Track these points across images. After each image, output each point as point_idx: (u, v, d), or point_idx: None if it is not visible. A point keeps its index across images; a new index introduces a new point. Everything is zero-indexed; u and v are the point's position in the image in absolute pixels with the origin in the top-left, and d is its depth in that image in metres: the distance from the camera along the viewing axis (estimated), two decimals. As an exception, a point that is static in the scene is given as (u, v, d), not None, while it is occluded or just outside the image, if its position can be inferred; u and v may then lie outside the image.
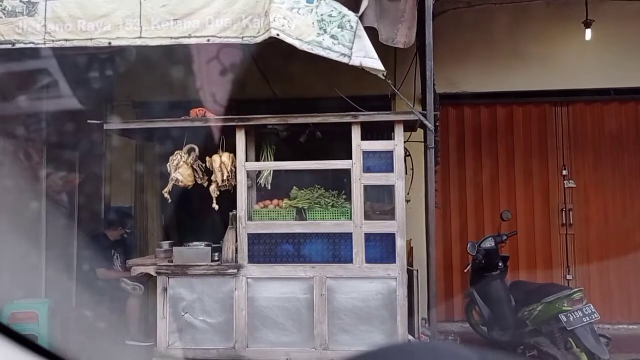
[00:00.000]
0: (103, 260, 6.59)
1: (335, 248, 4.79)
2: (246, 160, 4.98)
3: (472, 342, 6.22)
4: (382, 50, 4.70)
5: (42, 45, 4.78)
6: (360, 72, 4.60)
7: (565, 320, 4.80)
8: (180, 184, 5.11)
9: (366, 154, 4.78)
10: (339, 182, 5.08)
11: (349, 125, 4.81)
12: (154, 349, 4.90)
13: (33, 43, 4.76)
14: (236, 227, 4.89)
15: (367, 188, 4.84)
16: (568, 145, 7.39)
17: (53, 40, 4.74)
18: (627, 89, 7.16)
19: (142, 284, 6.25)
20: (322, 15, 4.44)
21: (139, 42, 4.68)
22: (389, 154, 4.76)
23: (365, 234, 4.74)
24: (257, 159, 5.24)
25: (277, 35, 4.40)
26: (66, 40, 4.73)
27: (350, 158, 4.79)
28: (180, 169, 5.08)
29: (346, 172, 4.86)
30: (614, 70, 7.05)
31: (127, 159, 7.74)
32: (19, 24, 4.76)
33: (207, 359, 4.84)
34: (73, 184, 7.14)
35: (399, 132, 4.79)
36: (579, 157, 7.37)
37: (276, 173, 5.21)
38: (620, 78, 7.09)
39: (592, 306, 4.88)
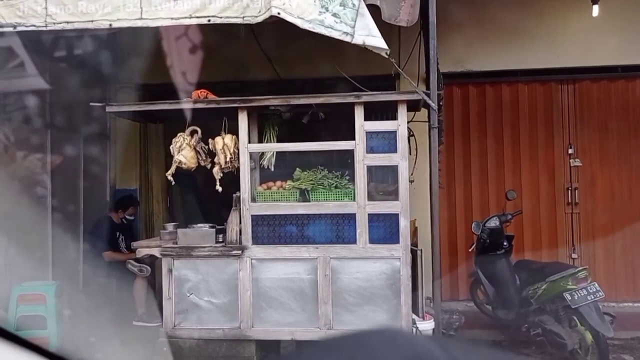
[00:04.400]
0: (109, 243, 6.65)
1: (339, 229, 4.80)
2: (249, 142, 4.97)
3: (477, 321, 6.26)
4: (386, 28, 4.64)
5: (44, 28, 4.75)
6: (364, 52, 4.55)
7: (569, 298, 4.81)
8: (183, 166, 5.11)
9: (369, 135, 4.76)
10: (343, 163, 5.07)
11: (352, 106, 4.77)
12: (160, 330, 4.94)
13: (34, 26, 4.73)
14: (240, 208, 4.90)
15: (370, 169, 4.82)
16: (574, 123, 7.33)
17: (54, 23, 4.71)
18: (634, 66, 7.07)
19: (148, 266, 6.30)
20: (323, -8, 4.39)
21: (139, 24, 4.64)
22: (392, 134, 4.73)
23: (368, 214, 4.74)
24: (260, 141, 5.23)
25: (278, 14, 4.35)
26: (67, 22, 4.70)
27: (354, 139, 4.76)
28: (183, 151, 5.08)
29: (349, 153, 4.84)
30: (621, 47, 6.95)
31: (132, 141, 7.76)
32: (19, 7, 4.73)
33: (213, 339, 4.88)
34: (78, 167, 7.16)
35: (402, 112, 4.75)
36: (585, 135, 7.31)
37: (279, 154, 5.20)
38: (627, 55, 7.00)
39: (596, 284, 4.87)
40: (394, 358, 0.77)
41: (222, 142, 5.02)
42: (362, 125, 4.76)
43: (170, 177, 5.16)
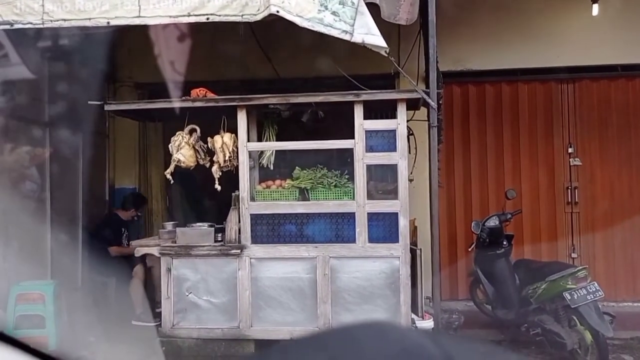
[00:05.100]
0: (114, 239, 6.68)
1: (338, 228, 4.78)
2: (248, 141, 4.95)
3: (477, 320, 6.25)
4: (386, 27, 4.63)
5: (41, 26, 4.73)
6: (363, 50, 4.53)
7: (569, 298, 4.79)
8: (182, 164, 5.10)
9: (369, 133, 4.74)
10: (342, 162, 5.06)
11: (351, 105, 4.76)
12: (159, 329, 4.93)
13: (31, 23, 4.71)
14: (239, 207, 4.88)
15: (370, 168, 4.81)
16: (574, 122, 7.31)
17: (51, 20, 4.69)
18: (634, 65, 7.05)
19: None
20: (322, -9, 4.37)
21: (137, 22, 4.63)
22: (392, 133, 4.72)
23: (368, 213, 4.73)
24: (259, 139, 5.22)
25: (277, 12, 4.34)
26: (64, 20, 4.68)
27: (353, 137, 4.75)
28: (182, 150, 5.07)
29: (349, 152, 4.82)
30: (621, 46, 6.94)
31: (131, 140, 7.74)
32: (16, 4, 4.70)
33: (211, 339, 4.87)
34: (77, 165, 7.14)
35: (401, 110, 4.74)
36: (585, 134, 7.29)
37: (278, 153, 5.19)
38: (627, 54, 6.98)
39: (596, 284, 4.86)
40: (382, 353, 0.72)
41: (221, 141, 5.00)
42: (361, 124, 4.74)
43: (169, 176, 5.15)
